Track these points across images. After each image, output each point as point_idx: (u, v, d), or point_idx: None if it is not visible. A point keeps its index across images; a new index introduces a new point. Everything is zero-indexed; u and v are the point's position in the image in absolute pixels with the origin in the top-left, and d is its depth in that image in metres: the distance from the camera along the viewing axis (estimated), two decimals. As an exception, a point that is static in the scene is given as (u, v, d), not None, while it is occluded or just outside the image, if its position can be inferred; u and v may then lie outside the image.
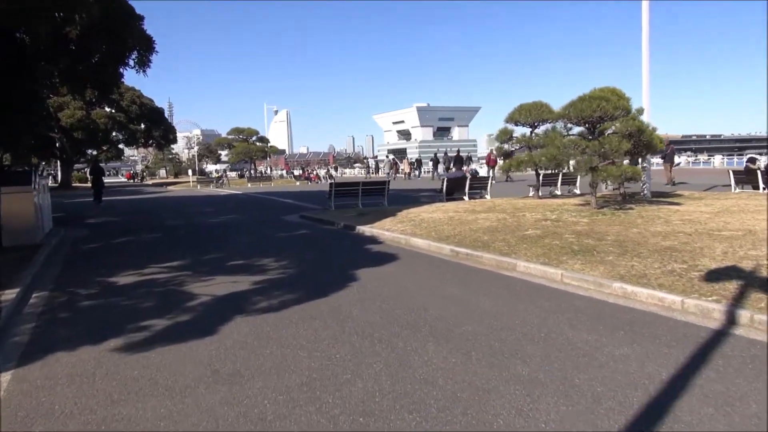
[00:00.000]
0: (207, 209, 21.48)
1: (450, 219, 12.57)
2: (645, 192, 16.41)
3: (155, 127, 51.20)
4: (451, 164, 42.74)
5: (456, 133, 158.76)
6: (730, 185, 20.66)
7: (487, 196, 20.72)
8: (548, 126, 14.82)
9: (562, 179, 22.64)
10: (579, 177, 23.49)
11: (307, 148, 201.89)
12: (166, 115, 57.49)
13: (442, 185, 20.17)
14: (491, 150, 55.58)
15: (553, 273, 7.33)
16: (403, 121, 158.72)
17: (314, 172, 51.01)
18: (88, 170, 45.18)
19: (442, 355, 4.52)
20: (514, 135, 17.10)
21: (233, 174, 62.22)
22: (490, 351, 4.59)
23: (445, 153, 45.87)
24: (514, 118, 16.83)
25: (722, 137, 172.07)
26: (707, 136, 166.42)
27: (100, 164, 32.60)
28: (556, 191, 22.89)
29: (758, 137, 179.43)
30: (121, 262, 9.48)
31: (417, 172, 44.93)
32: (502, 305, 6.07)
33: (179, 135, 66.78)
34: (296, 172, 58.21)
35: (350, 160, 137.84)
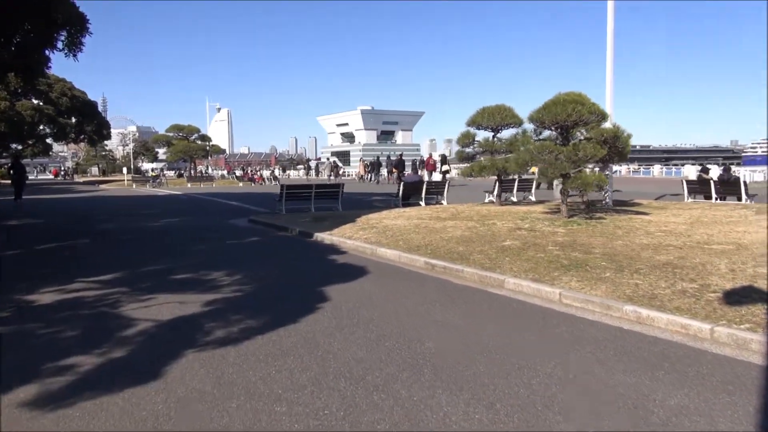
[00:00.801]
0: (145, 211, 19.76)
1: (416, 227, 11.67)
2: (607, 200, 16.05)
3: (87, 122, 48.05)
4: (393, 167, 42.45)
5: (400, 137, 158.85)
6: (683, 194, 20.82)
7: (444, 202, 20.03)
8: (517, 130, 14.20)
9: (518, 185, 22.26)
10: (535, 183, 23.24)
11: (248, 149, 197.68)
12: (99, 109, 54.16)
13: (399, 190, 19.30)
14: (430, 154, 55.74)
15: (549, 292, 6.52)
16: (347, 124, 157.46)
17: (258, 173, 49.18)
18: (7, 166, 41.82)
19: (460, 409, 3.57)
20: (477, 139, 16.40)
21: (171, 173, 59.48)
22: (519, 402, 3.67)
23: (388, 157, 45.27)
24: (476, 122, 16.16)
25: (651, 147, 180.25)
26: (638, 146, 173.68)
27: (21, 160, 29.93)
28: (512, 197, 22.51)
29: (683, 149, 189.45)
30: (43, 274, 8.06)
31: (371, 176, 43.79)
32: (507, 335, 5.18)
33: (113, 131, 63.18)
34: (238, 173, 56.07)
35: (293, 162, 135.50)
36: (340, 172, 61.77)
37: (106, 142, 58.32)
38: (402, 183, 19.36)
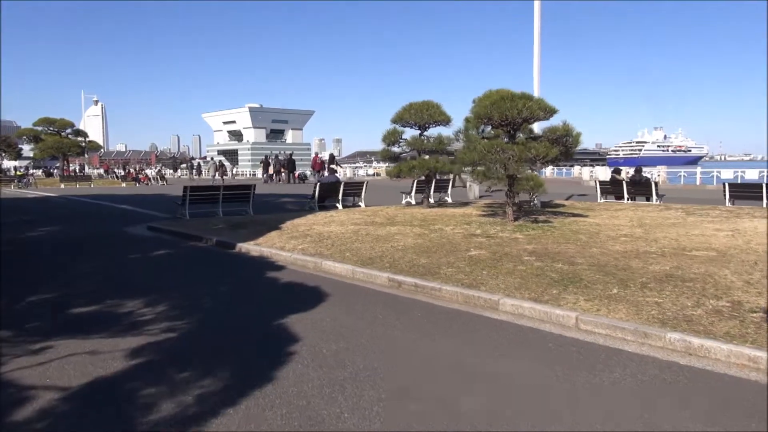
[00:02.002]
0: (16, 217, 16.50)
1: (355, 234, 10.32)
2: (536, 202, 15.64)
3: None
4: (281, 167, 40.71)
5: (290, 136, 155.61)
6: (591, 195, 21.20)
7: (362, 204, 18.81)
8: (457, 128, 13.29)
9: (435, 186, 21.49)
10: (451, 185, 22.59)
11: (126, 146, 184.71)
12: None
13: (314, 191, 17.77)
14: (316, 153, 54.61)
15: (562, 316, 5.48)
16: (234, 122, 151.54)
17: (143, 173, 45.00)
18: None
19: None
20: (404, 137, 15.31)
21: (37, 172, 53.25)
22: None
23: (276, 156, 43.43)
24: (403, 118, 15.06)
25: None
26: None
27: None
28: (429, 198, 21.73)
29: (582, 150, 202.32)
30: None
31: (284, 175, 41.28)
32: (550, 381, 4.03)
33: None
34: (119, 172, 51.18)
35: (176, 161, 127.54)
36: (234, 172, 58.71)
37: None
38: (318, 184, 17.85)
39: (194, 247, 10.39)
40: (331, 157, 40.09)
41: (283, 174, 39.67)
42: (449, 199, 22.01)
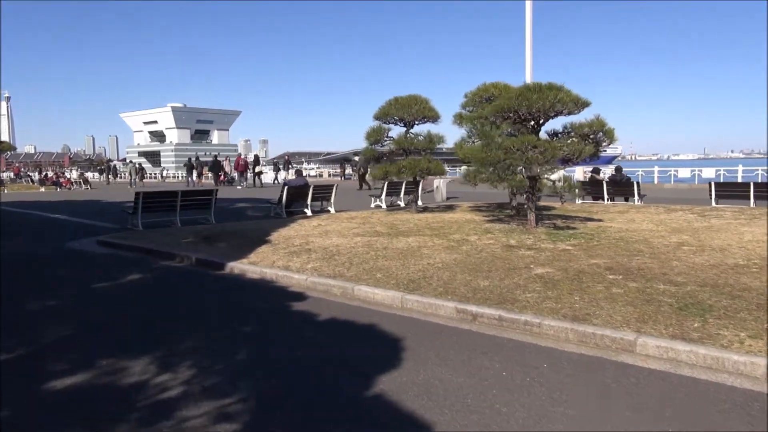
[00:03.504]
0: None
1: (369, 247, 8.68)
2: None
3: None
4: (202, 169, 38.37)
5: (216, 136, 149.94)
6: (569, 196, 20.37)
7: (331, 209, 17.11)
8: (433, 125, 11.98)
9: (386, 190, 19.85)
10: (403, 189, 20.95)
11: (35, 147, 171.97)
12: None
13: (281, 195, 15.90)
14: (240, 154, 52.26)
15: (742, 362, 4.15)
16: (156, 122, 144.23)
17: (65, 176, 40.79)
18: None
19: None
20: (390, 134, 13.75)
21: (-63, 176, 47.60)
22: None
23: (197, 158, 41.02)
24: (389, 113, 13.52)
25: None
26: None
27: None
28: (399, 202, 20.25)
29: None
30: None
31: (200, 178, 38.58)
32: None
33: None
34: (35, 176, 46.39)
35: (92, 163, 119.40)
36: (165, 175, 55.10)
37: None
38: (286, 187, 15.98)
39: (170, 269, 8.41)
40: (256, 158, 38.01)
41: (203, 177, 37.54)
42: (420, 203, 20.65)
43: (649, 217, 11.98)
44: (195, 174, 37.28)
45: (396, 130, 13.91)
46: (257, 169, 35.20)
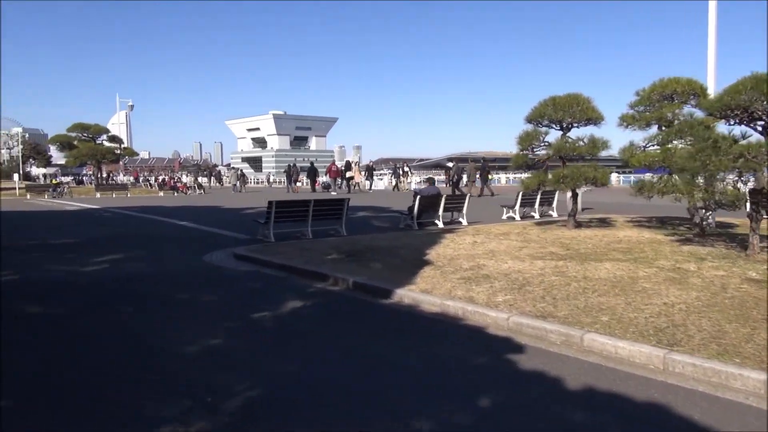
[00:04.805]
0: (59, 239, 13.23)
1: (562, 274, 7.06)
2: (710, 220, 12.27)
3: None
4: (305, 176, 38.04)
5: (314, 143, 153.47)
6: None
7: (463, 220, 15.63)
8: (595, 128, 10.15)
9: (540, 199, 18.14)
10: (538, 199, 19.00)
11: (149, 153, 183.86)
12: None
13: (414, 205, 14.60)
14: (333, 161, 51.96)
15: None
16: (258, 129, 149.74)
17: (181, 181, 42.14)
18: None
19: None
20: (546, 139, 12.03)
21: (68, 179, 50.95)
22: None
23: (294, 164, 40.75)
24: (545, 114, 11.82)
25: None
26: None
27: None
28: (533, 213, 18.40)
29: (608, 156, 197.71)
30: None
31: (368, 183, 38.75)
32: None
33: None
34: (153, 181, 48.40)
35: (200, 168, 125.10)
36: (273, 180, 56.07)
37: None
38: (418, 197, 14.66)
39: (327, 294, 7.20)
40: (347, 164, 37.23)
41: (298, 183, 37.48)
42: (554, 214, 18.71)
43: None
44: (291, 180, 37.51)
45: (551, 135, 12.17)
46: (348, 174, 34.99)
